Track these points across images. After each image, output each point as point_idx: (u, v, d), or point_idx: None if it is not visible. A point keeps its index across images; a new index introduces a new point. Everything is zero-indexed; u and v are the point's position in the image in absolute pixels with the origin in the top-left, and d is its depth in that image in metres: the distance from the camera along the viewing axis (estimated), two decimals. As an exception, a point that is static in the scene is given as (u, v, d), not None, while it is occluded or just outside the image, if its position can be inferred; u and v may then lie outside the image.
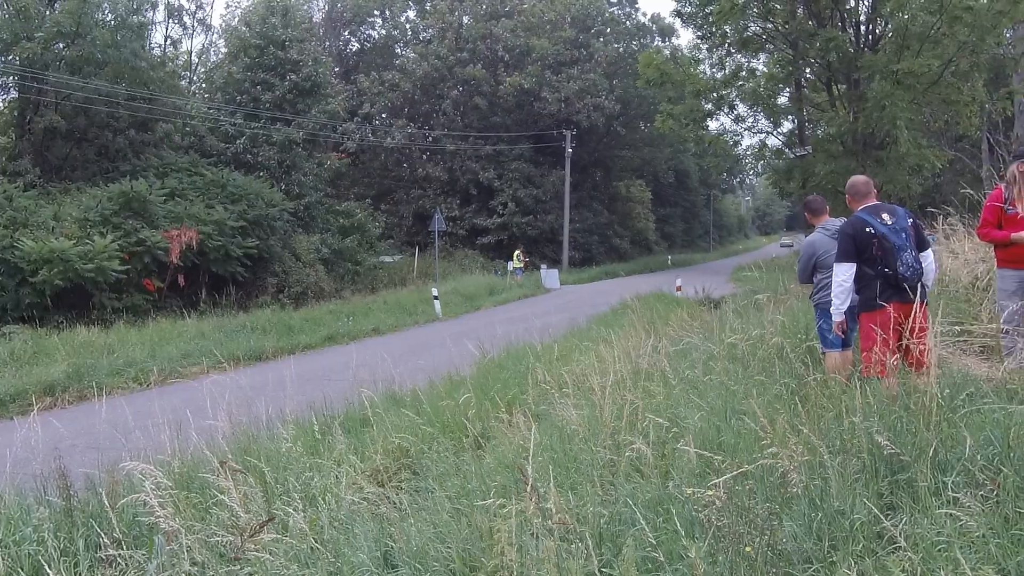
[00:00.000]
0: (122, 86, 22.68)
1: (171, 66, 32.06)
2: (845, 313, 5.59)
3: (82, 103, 21.71)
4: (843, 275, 5.42)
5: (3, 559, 3.99)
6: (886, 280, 5.29)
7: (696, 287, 18.45)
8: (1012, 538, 2.90)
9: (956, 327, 6.77)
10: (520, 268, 32.33)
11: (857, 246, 5.39)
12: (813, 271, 6.64)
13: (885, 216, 5.44)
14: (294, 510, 4.01)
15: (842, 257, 5.45)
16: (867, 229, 5.37)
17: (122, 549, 3.74)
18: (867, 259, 5.37)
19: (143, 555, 3.81)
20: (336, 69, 41.53)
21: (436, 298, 21.52)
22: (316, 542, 3.78)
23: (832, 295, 5.57)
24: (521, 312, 19.61)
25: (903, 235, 5.36)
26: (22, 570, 3.98)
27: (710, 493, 3.13)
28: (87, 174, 22.29)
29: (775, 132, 29.31)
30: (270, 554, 3.59)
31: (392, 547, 3.68)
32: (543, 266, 35.05)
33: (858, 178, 5.89)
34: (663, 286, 21.91)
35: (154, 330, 15.11)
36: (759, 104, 26.89)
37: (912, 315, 4.71)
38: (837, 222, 6.52)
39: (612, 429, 4.70)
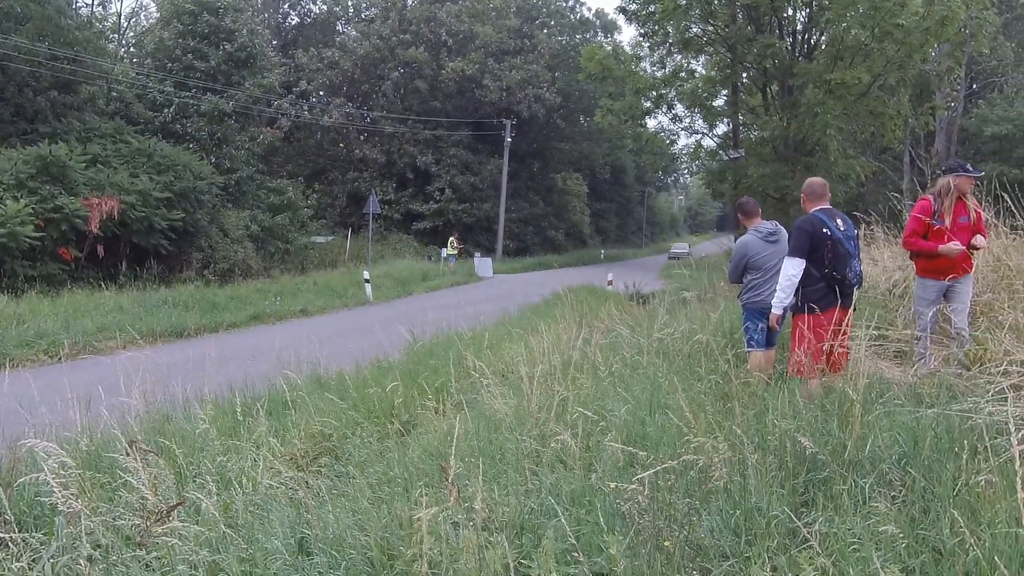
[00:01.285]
0: (44, 44, 21.52)
1: (98, 27, 30.62)
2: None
3: (-1, 59, 20.55)
4: (793, 269, 5.46)
5: None
6: (829, 284, 5.37)
7: (627, 282, 18.65)
8: (917, 537, 2.99)
9: (873, 331, 7.01)
10: (454, 255, 32.18)
11: (812, 244, 5.44)
12: (743, 272, 6.73)
13: (839, 222, 5.55)
14: (207, 494, 3.87)
15: (795, 252, 5.48)
16: (824, 230, 5.45)
17: (15, 531, 3.54)
18: (816, 260, 5.43)
19: (41, 537, 3.62)
20: (274, 42, 40.47)
21: (368, 281, 21.23)
22: (229, 527, 3.65)
23: (778, 287, 5.61)
24: (453, 299, 19.52)
25: (851, 243, 5.49)
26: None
27: (633, 487, 3.14)
28: (2, 135, 21.13)
29: (711, 134, 29.86)
30: (179, 539, 3.45)
31: (308, 534, 3.58)
32: (477, 254, 34.94)
33: (816, 179, 5.95)
34: (595, 279, 22.10)
35: (69, 301, 14.48)
36: (696, 105, 27.30)
37: (845, 320, 4.85)
38: (769, 224, 6.63)
39: (539, 419, 4.69)
